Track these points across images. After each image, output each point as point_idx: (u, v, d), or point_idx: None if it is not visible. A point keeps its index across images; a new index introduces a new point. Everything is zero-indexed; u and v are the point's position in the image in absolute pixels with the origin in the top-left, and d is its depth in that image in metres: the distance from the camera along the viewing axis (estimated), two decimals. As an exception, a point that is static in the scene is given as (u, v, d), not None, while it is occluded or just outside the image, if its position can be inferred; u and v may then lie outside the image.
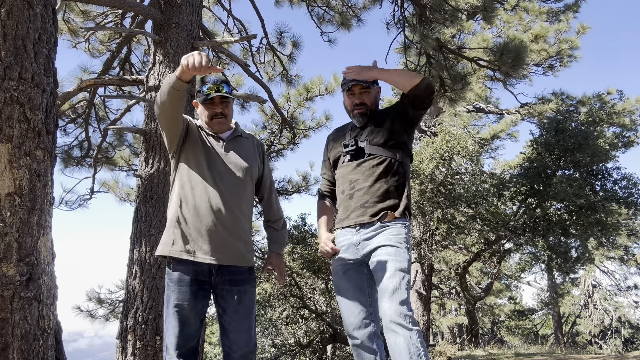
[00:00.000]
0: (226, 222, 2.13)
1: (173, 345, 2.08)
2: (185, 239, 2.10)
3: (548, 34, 10.51)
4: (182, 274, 2.09)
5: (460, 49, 6.24)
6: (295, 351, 10.79)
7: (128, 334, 3.76)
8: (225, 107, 2.26)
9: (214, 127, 2.26)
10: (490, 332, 20.96)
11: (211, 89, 2.21)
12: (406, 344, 1.98)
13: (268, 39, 7.00)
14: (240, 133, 2.35)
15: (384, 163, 2.30)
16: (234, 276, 2.13)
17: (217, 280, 2.12)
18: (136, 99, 4.97)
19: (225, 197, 2.14)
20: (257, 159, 2.33)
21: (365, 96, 2.43)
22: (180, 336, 2.08)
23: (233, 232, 2.14)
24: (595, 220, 8.76)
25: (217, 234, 2.10)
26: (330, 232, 2.42)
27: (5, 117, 1.79)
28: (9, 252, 1.74)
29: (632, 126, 12.19)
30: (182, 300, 2.07)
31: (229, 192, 2.16)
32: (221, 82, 2.25)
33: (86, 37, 6.34)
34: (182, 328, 2.08)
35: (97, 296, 7.58)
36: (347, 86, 2.43)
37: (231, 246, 2.13)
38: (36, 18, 1.95)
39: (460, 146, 9.10)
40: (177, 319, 2.07)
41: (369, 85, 2.42)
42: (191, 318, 2.09)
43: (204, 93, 2.21)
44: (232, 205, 2.15)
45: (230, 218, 2.14)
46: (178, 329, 2.07)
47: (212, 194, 2.14)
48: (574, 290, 17.73)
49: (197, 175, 2.17)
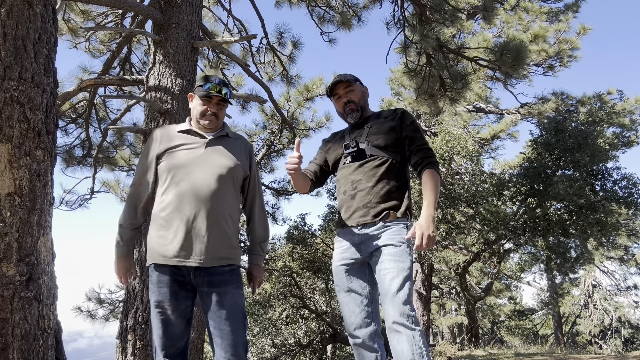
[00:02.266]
0: (200, 223, 2.09)
1: (160, 346, 2.08)
2: (161, 242, 2.10)
3: (548, 34, 10.51)
4: (160, 274, 2.09)
5: (460, 49, 6.24)
6: (295, 351, 10.80)
7: (128, 334, 3.76)
8: (219, 109, 2.28)
9: (201, 123, 2.26)
10: (490, 332, 20.97)
11: (213, 88, 2.23)
12: (409, 343, 1.98)
13: (268, 39, 7.00)
14: (226, 133, 2.32)
15: (386, 164, 2.31)
16: (212, 277, 2.08)
17: (197, 282, 2.09)
18: (136, 99, 4.97)
19: (200, 198, 2.10)
20: (243, 161, 2.29)
21: (351, 94, 2.47)
22: (164, 337, 2.08)
23: (210, 233, 2.09)
24: (595, 220, 8.76)
25: (191, 235, 2.07)
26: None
27: (5, 117, 1.79)
28: (9, 252, 1.74)
29: (632, 126, 12.18)
30: (162, 300, 2.07)
31: (204, 192, 2.12)
32: (224, 84, 2.26)
33: (86, 37, 6.34)
34: (165, 329, 2.08)
35: (97, 296, 7.59)
36: (331, 89, 2.49)
37: (207, 247, 2.08)
38: (36, 18, 1.95)
39: (460, 146, 9.11)
40: (160, 320, 2.08)
41: (351, 83, 2.46)
42: (174, 319, 2.08)
43: (205, 89, 2.23)
44: (209, 205, 2.11)
45: (206, 218, 2.09)
46: (162, 330, 2.08)
47: (186, 195, 2.11)
48: (574, 290, 17.74)
49: (172, 178, 2.16)
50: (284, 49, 7.38)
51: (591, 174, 9.11)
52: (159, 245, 2.10)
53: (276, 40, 7.28)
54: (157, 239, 2.12)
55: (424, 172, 2.28)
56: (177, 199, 2.11)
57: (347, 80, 2.46)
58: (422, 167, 2.30)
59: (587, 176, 9.02)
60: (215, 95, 2.23)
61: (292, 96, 8.13)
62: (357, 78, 2.51)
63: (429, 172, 2.26)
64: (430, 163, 2.29)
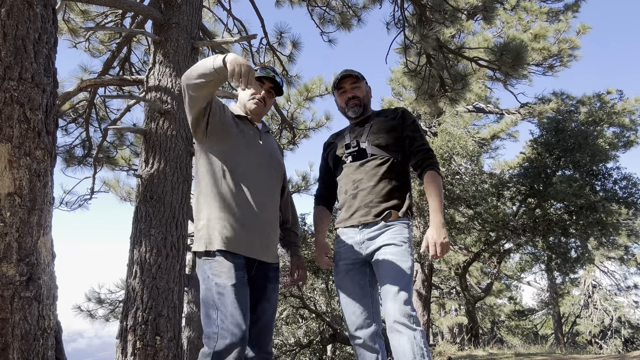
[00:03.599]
0: (268, 218, 2.05)
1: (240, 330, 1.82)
2: (237, 232, 1.97)
3: (548, 34, 10.52)
4: (234, 260, 1.94)
5: (460, 49, 6.24)
6: (295, 351, 10.79)
7: (128, 334, 3.76)
8: (269, 96, 2.21)
9: (247, 106, 2.16)
10: (490, 332, 20.96)
11: (268, 73, 2.16)
12: (410, 344, 1.98)
13: (268, 39, 7.01)
14: (268, 129, 2.32)
15: (387, 163, 2.30)
16: (268, 272, 2.08)
17: (255, 275, 2.03)
18: (136, 99, 4.97)
19: (267, 191, 2.06)
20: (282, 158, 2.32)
21: (357, 90, 2.45)
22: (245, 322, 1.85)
23: (274, 229, 2.09)
24: (595, 220, 8.77)
25: (263, 230, 2.03)
26: (325, 243, 2.43)
27: (5, 117, 1.79)
28: (9, 252, 1.74)
29: (632, 126, 12.19)
30: (242, 283, 1.90)
31: (269, 186, 2.09)
32: (277, 74, 2.21)
33: (86, 37, 6.34)
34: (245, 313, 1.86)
35: (97, 296, 7.59)
36: (337, 82, 2.46)
37: (271, 243, 2.07)
38: (36, 18, 1.95)
39: (460, 146, 9.11)
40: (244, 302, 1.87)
41: (358, 79, 2.45)
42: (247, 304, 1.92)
43: (259, 73, 2.14)
44: (273, 200, 2.09)
45: (272, 213, 2.07)
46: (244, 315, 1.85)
47: (258, 186, 2.03)
48: (574, 290, 17.73)
49: (239, 165, 2.03)
50: (284, 49, 7.38)
51: (591, 174, 9.11)
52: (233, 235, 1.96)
53: (276, 40, 7.29)
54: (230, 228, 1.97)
55: (425, 174, 2.27)
56: (247, 189, 2.01)
57: (355, 76, 2.44)
58: (422, 168, 2.29)
59: (587, 176, 9.02)
60: (268, 79, 2.15)
61: (292, 96, 8.14)
62: (364, 77, 2.50)
63: (430, 175, 2.25)
64: (431, 164, 2.28)
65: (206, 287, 1.92)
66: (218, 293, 1.86)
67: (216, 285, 1.88)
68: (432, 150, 2.35)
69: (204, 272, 1.95)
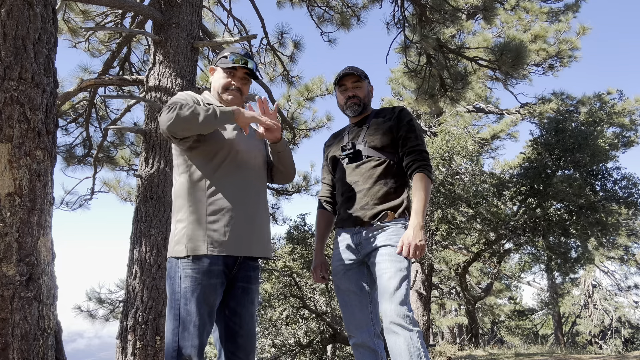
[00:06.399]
0: (254, 210, 1.96)
1: (195, 349, 1.78)
2: (219, 230, 1.87)
3: (548, 34, 10.51)
4: (212, 263, 1.84)
5: (461, 49, 6.24)
6: (295, 351, 10.79)
7: (128, 334, 3.76)
8: (244, 84, 2.11)
9: (224, 98, 2.06)
10: (490, 332, 20.95)
11: (237, 60, 2.03)
12: (406, 344, 1.98)
13: (268, 39, 7.01)
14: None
15: (383, 165, 2.29)
16: (250, 272, 1.97)
17: (237, 275, 1.93)
18: (136, 99, 4.97)
19: (248, 182, 1.97)
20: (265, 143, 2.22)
21: (358, 89, 2.43)
22: (204, 337, 1.80)
23: (263, 221, 2.01)
24: (595, 220, 8.77)
25: (245, 224, 1.92)
26: (324, 260, 2.46)
27: (5, 117, 1.79)
28: (9, 252, 1.74)
29: (632, 126, 12.19)
30: (211, 293, 1.82)
31: (254, 174, 2.01)
32: (249, 57, 2.09)
33: (86, 37, 6.35)
34: (208, 329, 1.81)
35: (97, 296, 7.58)
36: (339, 79, 2.44)
37: (258, 236, 1.97)
38: (36, 18, 1.95)
39: (460, 146, 9.10)
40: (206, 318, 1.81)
41: (360, 78, 2.43)
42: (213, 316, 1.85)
43: (229, 61, 2.03)
44: (259, 191, 2.01)
45: (258, 205, 1.99)
46: (205, 330, 1.80)
47: (237, 179, 1.95)
48: (574, 290, 17.72)
49: (219, 157, 1.94)
50: (285, 49, 7.38)
51: (591, 174, 9.11)
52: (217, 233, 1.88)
53: (276, 40, 7.29)
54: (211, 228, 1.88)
55: (414, 176, 2.25)
56: (229, 182, 1.92)
57: (357, 74, 2.42)
58: (412, 170, 2.26)
59: (587, 176, 9.02)
60: (240, 67, 2.04)
61: (293, 96, 8.13)
62: (367, 75, 2.48)
63: (419, 177, 2.22)
64: (421, 167, 2.24)
65: (172, 291, 1.86)
66: (185, 298, 1.81)
67: (184, 290, 1.82)
68: (426, 152, 2.31)
69: (175, 272, 1.87)
